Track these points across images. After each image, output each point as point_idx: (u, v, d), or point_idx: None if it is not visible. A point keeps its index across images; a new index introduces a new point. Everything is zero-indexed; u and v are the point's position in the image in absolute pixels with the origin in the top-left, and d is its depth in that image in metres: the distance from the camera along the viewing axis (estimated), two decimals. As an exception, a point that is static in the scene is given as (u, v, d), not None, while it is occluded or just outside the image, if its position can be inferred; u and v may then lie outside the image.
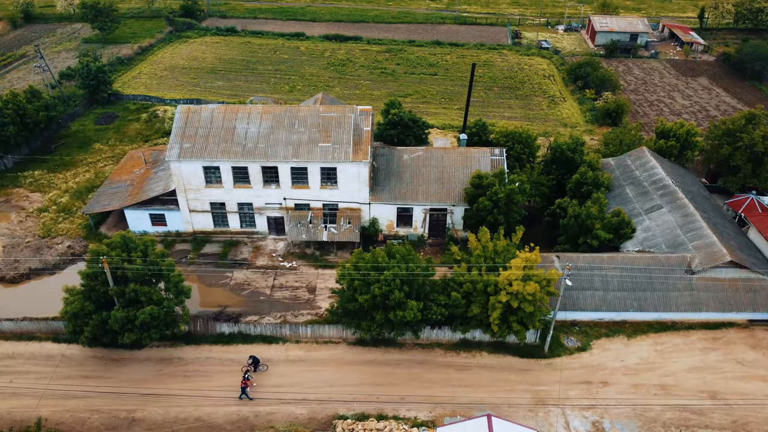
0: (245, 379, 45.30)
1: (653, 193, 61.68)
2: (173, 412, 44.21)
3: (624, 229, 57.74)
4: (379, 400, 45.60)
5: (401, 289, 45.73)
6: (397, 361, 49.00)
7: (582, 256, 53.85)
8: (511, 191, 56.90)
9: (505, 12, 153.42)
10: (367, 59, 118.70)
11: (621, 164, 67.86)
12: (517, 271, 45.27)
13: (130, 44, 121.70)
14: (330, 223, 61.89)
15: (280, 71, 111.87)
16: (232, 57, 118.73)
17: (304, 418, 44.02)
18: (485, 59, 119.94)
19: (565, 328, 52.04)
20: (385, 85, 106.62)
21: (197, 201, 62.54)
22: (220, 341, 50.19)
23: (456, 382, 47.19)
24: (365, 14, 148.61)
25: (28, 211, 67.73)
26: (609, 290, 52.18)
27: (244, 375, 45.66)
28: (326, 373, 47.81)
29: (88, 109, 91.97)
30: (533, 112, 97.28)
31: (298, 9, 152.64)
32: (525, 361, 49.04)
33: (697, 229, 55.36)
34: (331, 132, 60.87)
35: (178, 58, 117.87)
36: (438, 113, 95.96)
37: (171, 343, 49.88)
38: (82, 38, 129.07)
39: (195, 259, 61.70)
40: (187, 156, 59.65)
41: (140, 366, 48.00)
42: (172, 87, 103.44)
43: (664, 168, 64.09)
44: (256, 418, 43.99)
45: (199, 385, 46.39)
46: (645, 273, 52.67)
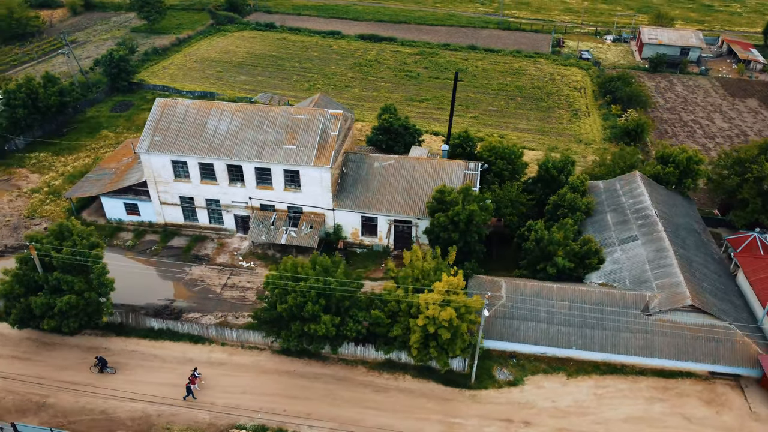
0: (194, 377, 45.15)
1: (633, 222, 57.16)
2: (82, 402, 44.90)
3: (590, 259, 53.85)
4: (284, 414, 44.55)
5: (316, 302, 44.43)
6: (316, 375, 47.72)
7: (530, 284, 50.54)
8: (472, 211, 54.10)
9: (555, 19, 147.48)
10: (396, 61, 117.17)
11: (609, 188, 63.36)
12: (436, 294, 42.92)
13: (170, 35, 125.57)
14: (292, 227, 61.20)
15: (305, 69, 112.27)
16: (263, 52, 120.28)
17: (203, 424, 43.61)
18: (518, 67, 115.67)
19: (502, 359, 49.01)
20: (405, 88, 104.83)
21: (167, 194, 63.44)
22: (149, 336, 50.59)
23: (370, 404, 45.40)
24: (409, 15, 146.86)
25: (22, 191, 70.95)
26: (554, 324, 48.69)
27: (193, 373, 45.49)
28: (243, 379, 47.21)
29: (108, 96, 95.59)
30: (551, 125, 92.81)
31: (342, 7, 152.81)
32: (448, 390, 46.54)
33: (666, 266, 50.76)
34: (297, 134, 60.12)
35: (211, 51, 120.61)
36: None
37: (102, 332, 50.79)
38: (131, 27, 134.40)
39: (159, 250, 62.64)
40: (156, 149, 60.55)
41: (68, 352, 49.11)
42: (197, 79, 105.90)
43: (652, 196, 59.24)
44: (158, 417, 43.98)
45: (116, 377, 46.89)
46: (596, 309, 48.75)
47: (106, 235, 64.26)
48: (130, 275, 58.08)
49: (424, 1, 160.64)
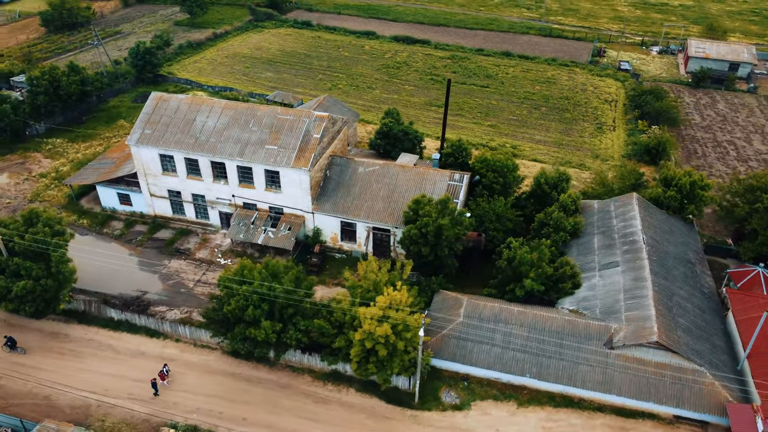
0: (163, 373, 45.61)
1: (618, 247, 53.81)
2: (30, 386, 46.07)
3: (564, 283, 51.06)
4: (220, 416, 44.30)
5: (258, 307, 43.91)
6: (260, 380, 47.25)
7: (490, 305, 48.33)
8: (441, 225, 52.25)
9: (603, 27, 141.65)
10: (425, 64, 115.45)
11: (603, 209, 59.96)
12: (375, 309, 41.56)
13: (208, 30, 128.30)
14: (271, 227, 60.98)
15: (331, 68, 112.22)
16: (295, 50, 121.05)
17: (138, 418, 43.89)
18: (550, 75, 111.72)
19: (453, 380, 47.04)
20: (428, 92, 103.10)
21: (156, 186, 64.51)
22: (108, 326, 51.46)
23: (308, 415, 44.55)
24: (449, 18, 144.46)
25: (31, 175, 73.87)
26: (509, 349, 46.36)
27: (162, 369, 46.01)
28: (188, 377, 47.31)
29: (134, 87, 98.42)
30: (570, 138, 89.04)
31: (383, 7, 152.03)
32: (390, 408, 45.09)
33: (640, 297, 47.45)
34: (281, 135, 59.83)
35: (244, 47, 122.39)
36: (464, 127, 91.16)
37: (65, 319, 52.04)
38: (174, 21, 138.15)
39: (144, 241, 63.77)
40: (145, 142, 61.61)
41: (30, 335, 50.56)
42: (223, 74, 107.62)
43: (645, 221, 55.61)
44: (96, 408, 44.61)
45: (68, 364, 47.96)
46: (556, 337, 46.07)
47: (99, 223, 66.05)
48: (110, 264, 59.43)
49: (469, 4, 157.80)
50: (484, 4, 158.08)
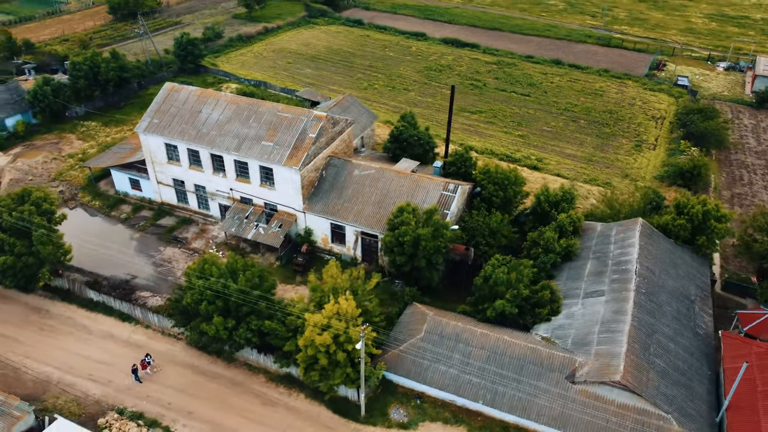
0: (144, 362, 46.38)
1: (610, 275, 50.33)
2: (7, 356, 48.19)
3: (540, 308, 48.33)
4: (168, 407, 44.81)
5: (212, 303, 44.06)
6: (215, 375, 47.43)
7: (452, 324, 46.32)
8: (419, 235, 50.67)
9: (670, 39, 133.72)
10: (469, 68, 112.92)
11: (604, 233, 56.30)
12: (319, 317, 40.70)
13: (262, 23, 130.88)
14: (264, 223, 61.20)
15: (372, 68, 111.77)
16: (341, 48, 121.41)
17: (92, 399, 45.06)
18: (598, 87, 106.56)
19: (407, 397, 45.41)
20: (464, 97, 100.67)
21: (162, 174, 66.19)
22: (86, 306, 53.18)
23: (253, 416, 44.31)
24: (505, 23, 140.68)
25: (60, 155, 77.66)
26: (466, 372, 44.23)
27: (144, 358, 46.73)
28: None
29: (175, 77, 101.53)
30: (603, 154, 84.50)
31: (440, 9, 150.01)
32: (335, 419, 44.11)
33: (615, 330, 44.15)
34: (278, 132, 59.89)
35: (292, 42, 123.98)
36: (492, 136, 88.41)
37: (51, 295, 54.17)
38: (232, 14, 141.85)
39: (147, 227, 65.60)
40: (152, 130, 63.31)
41: (15, 307, 53.02)
42: (264, 68, 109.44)
43: (645, 249, 51.73)
44: (56, 385, 46.11)
45: (44, 339, 49.92)
46: (516, 364, 43.58)
47: (109, 206, 68.54)
48: (110, 246, 61.60)
49: (530, 10, 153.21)
50: (546, 10, 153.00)
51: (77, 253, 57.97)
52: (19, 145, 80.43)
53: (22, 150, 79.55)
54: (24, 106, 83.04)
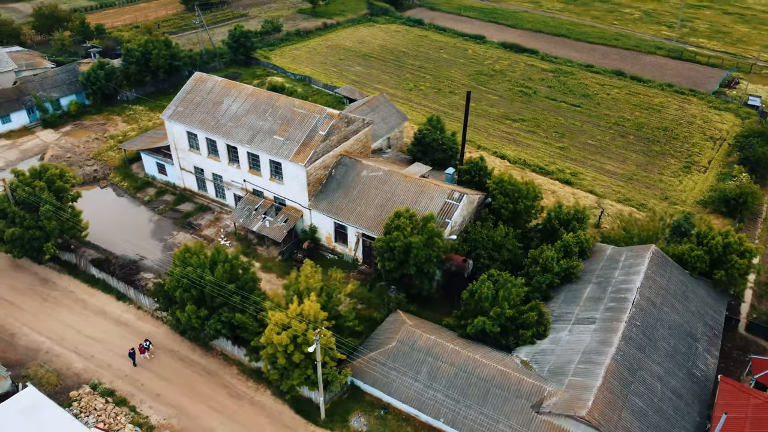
0: (143, 347, 47.66)
1: (606, 302, 47.23)
2: (8, 322, 51.08)
3: (523, 331, 46.09)
4: (140, 387, 46.03)
5: (188, 291, 44.83)
6: (191, 362, 48.27)
7: (425, 336, 44.84)
8: (410, 243, 49.49)
9: (751, 55, 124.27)
10: (522, 75, 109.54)
11: (613, 257, 52.90)
12: (280, 315, 40.49)
13: (321, 19, 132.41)
14: (271, 217, 61.75)
15: (423, 69, 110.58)
16: (395, 47, 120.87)
17: (70, 372, 46.91)
18: (658, 102, 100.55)
19: (371, 406, 44.43)
20: (510, 104, 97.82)
21: (185, 161, 68.15)
22: (88, 282, 55.46)
23: (217, 407, 44.82)
24: (573, 30, 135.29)
25: (103, 135, 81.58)
26: (431, 388, 42.71)
27: (143, 343, 47.99)
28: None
29: (226, 67, 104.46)
30: (646, 173, 79.63)
31: (507, 12, 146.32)
32: (296, 419, 43.85)
33: (594, 363, 41.37)
34: (290, 127, 60.21)
35: (348, 39, 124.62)
36: (530, 146, 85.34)
37: (60, 268, 56.90)
38: (297, 9, 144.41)
39: (166, 211, 67.75)
40: (176, 118, 65.29)
41: (26, 276, 56.08)
42: (314, 64, 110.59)
43: (650, 279, 48.21)
44: (44, 354, 48.40)
45: (45, 309, 52.49)
46: (483, 386, 41.65)
47: (136, 188, 71.31)
48: (128, 226, 64.22)
49: (603, 17, 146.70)
50: (620, 18, 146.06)
51: (96, 229, 60.92)
52: (70, 124, 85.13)
53: (71, 129, 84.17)
54: (79, 87, 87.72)
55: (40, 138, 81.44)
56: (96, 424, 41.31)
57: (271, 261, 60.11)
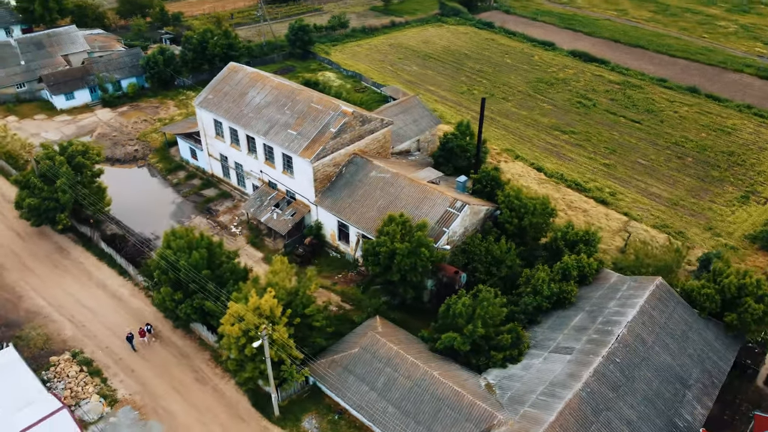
0: (143, 330, 48.97)
1: (591, 333, 44.01)
2: (19, 284, 54.69)
3: (495, 353, 43.92)
4: (117, 361, 47.96)
5: (165, 273, 46.11)
6: (170, 342, 49.69)
7: (388, 346, 43.57)
8: (395, 249, 48.40)
9: None
10: (584, 85, 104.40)
11: (615, 285, 49.17)
12: (237, 306, 40.72)
13: (389, 17, 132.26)
14: (280, 209, 62.40)
15: (481, 73, 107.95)
16: (459, 49, 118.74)
17: (60, 338, 49.52)
18: (730, 124, 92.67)
19: (328, 410, 43.83)
20: (564, 115, 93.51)
21: (212, 147, 70.22)
22: (97, 255, 58.30)
23: (181, 389, 45.83)
24: (654, 41, 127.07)
25: (153, 118, 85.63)
26: (384, 399, 41.50)
27: (144, 327, 49.45)
28: (119, 318, 51.54)
29: (283, 60, 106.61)
30: (696, 200, 73.58)
31: (586, 20, 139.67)
32: (251, 412, 44.12)
33: (556, 396, 38.66)
34: (305, 122, 60.49)
35: (413, 39, 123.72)
36: (573, 160, 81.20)
37: (76, 239, 60.21)
38: (371, 6, 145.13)
39: (190, 194, 70.13)
40: (204, 105, 67.37)
41: (46, 244, 59.77)
42: (371, 61, 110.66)
43: (645, 312, 44.45)
44: (42, 318, 51.37)
45: (54, 276, 55.78)
46: (434, 405, 39.97)
47: (169, 170, 74.30)
48: (152, 206, 67.15)
49: (692, 29, 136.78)
50: (711, 31, 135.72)
51: (122, 206, 64.33)
52: (127, 105, 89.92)
53: (127, 109, 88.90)
54: (140, 70, 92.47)
55: (97, 116, 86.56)
56: (53, 391, 43.11)
57: (274, 253, 60.64)
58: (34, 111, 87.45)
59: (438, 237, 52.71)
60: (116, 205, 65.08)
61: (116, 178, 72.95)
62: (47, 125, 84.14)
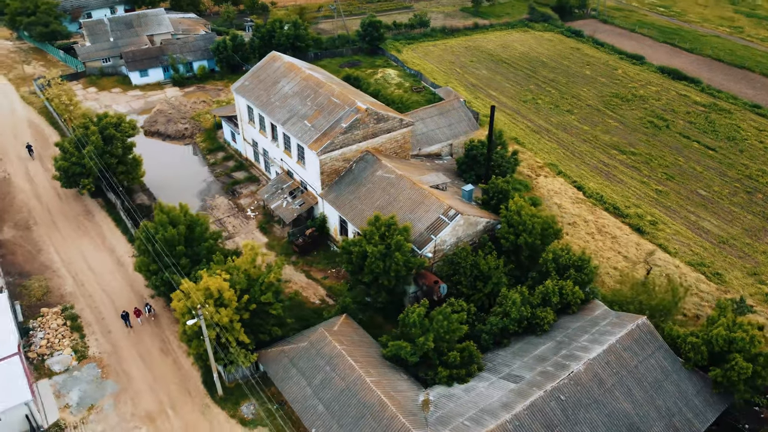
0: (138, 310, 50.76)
1: (547, 364, 40.99)
2: (43, 239, 59.74)
3: (441, 369, 42.28)
4: (100, 321, 51.01)
5: (143, 245, 48.46)
6: (159, 312, 51.94)
7: (332, 345, 42.95)
8: (366, 251, 47.83)
9: None
10: (664, 104, 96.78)
11: (596, 319, 45.32)
12: (190, 284, 42.08)
13: (478, 19, 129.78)
14: (292, 198, 63.52)
15: (552, 82, 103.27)
16: (537, 56, 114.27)
17: (59, 293, 53.56)
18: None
19: (271, 398, 44.04)
20: (628, 135, 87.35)
21: (246, 132, 72.73)
22: (116, 221, 62.31)
23: (145, 357, 47.90)
24: (763, 63, 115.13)
25: (211, 100, 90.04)
26: (317, 396, 41.12)
27: (145, 307, 51.42)
28: (114, 283, 54.73)
29: (353, 54, 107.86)
30: (751, 240, 66.07)
31: (691, 35, 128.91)
32: (199, 388, 45.54)
33: (480, 423, 36.46)
34: (320, 115, 61.06)
35: (493, 42, 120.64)
36: (622, 182, 75.78)
37: (103, 204, 64.72)
38: (461, 6, 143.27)
39: (221, 175, 73.14)
40: (241, 91, 69.89)
41: (78, 206, 64.85)
42: (441, 62, 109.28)
43: (614, 352, 40.74)
44: (51, 272, 55.71)
45: (74, 235, 60.43)
46: (358, 411, 39.04)
47: (210, 150, 77.89)
48: (183, 182, 70.80)
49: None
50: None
51: (158, 179, 68.74)
52: (194, 86, 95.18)
53: (194, 90, 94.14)
54: (211, 54, 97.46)
55: (165, 93, 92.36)
56: (32, 337, 46.78)
57: (277, 240, 61.82)
58: (113, 84, 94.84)
59: (424, 243, 51.25)
60: (153, 177, 69.60)
61: (161, 152, 77.79)
62: (120, 98, 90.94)
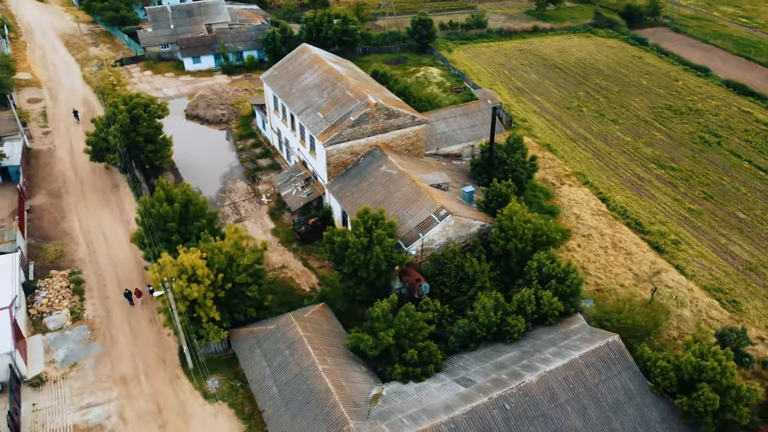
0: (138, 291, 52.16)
1: (503, 372, 40.11)
2: (70, 208, 64.05)
3: (398, 365, 42.32)
4: (102, 287, 54.16)
5: (143, 217, 51.13)
6: (148, 282, 54.72)
7: (294, 331, 43.77)
8: (347, 241, 48.40)
9: None
10: (721, 120, 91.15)
11: (569, 333, 43.72)
12: (168, 258, 44.14)
13: (537, 22, 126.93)
14: (302, 187, 64.95)
15: (603, 90, 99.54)
16: (594, 63, 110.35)
17: (70, 258, 57.17)
18: None
19: (236, 376, 45.52)
20: (674, 149, 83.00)
21: (273, 120, 74.90)
22: (138, 196, 65.62)
23: (134, 329, 49.87)
24: None
25: (254, 88, 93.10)
26: (273, 378, 42.11)
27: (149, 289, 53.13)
28: (122, 253, 57.94)
29: (401, 51, 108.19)
30: None
31: (763, 46, 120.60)
32: (174, 360, 47.29)
33: (416, 422, 36.25)
34: (333, 107, 62.05)
35: (549, 47, 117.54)
36: (653, 198, 72.31)
37: (129, 179, 68.51)
38: (525, 9, 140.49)
39: (246, 161, 75.69)
40: (268, 81, 72.10)
41: (108, 180, 69.09)
42: (491, 64, 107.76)
43: (576, 369, 39.31)
44: (68, 238, 59.64)
45: (98, 206, 64.47)
46: (307, 396, 39.70)
47: (242, 136, 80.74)
48: (211, 164, 74.00)
49: None
50: None
51: (187, 159, 72.27)
52: (242, 74, 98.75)
53: (241, 78, 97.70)
54: (260, 44, 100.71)
55: (214, 80, 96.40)
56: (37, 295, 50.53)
57: (283, 227, 63.35)
58: (167, 69, 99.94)
59: (412, 241, 51.12)
60: (183, 157, 73.13)
61: (196, 134, 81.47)
62: (171, 82, 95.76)
